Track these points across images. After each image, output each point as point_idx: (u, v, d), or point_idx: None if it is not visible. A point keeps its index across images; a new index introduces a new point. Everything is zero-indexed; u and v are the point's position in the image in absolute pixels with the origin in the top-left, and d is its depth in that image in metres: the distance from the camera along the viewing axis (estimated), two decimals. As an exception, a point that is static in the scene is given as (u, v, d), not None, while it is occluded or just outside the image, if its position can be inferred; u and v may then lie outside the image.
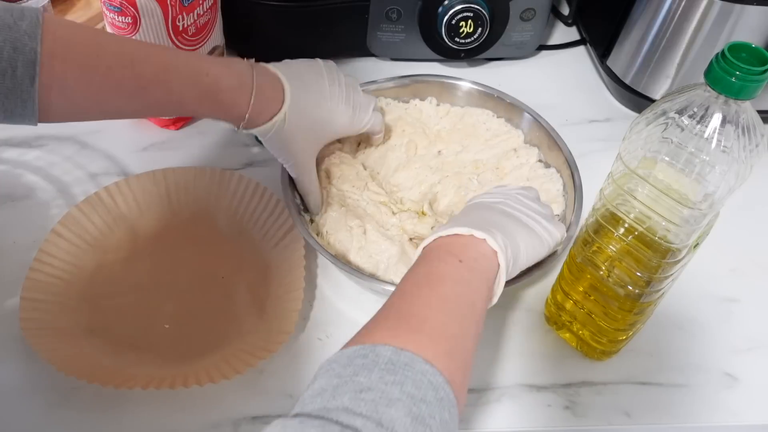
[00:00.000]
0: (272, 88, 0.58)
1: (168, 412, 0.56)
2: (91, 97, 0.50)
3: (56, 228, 0.63)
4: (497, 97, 0.74)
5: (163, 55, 0.53)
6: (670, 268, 0.52)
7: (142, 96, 0.51)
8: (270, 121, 0.57)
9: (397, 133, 0.74)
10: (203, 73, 0.54)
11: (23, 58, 0.45)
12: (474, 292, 0.46)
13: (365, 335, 0.41)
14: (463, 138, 0.74)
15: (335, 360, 0.38)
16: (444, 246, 0.48)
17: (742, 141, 0.44)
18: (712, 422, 0.59)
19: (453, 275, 0.45)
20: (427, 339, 0.40)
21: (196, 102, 0.54)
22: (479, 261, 0.47)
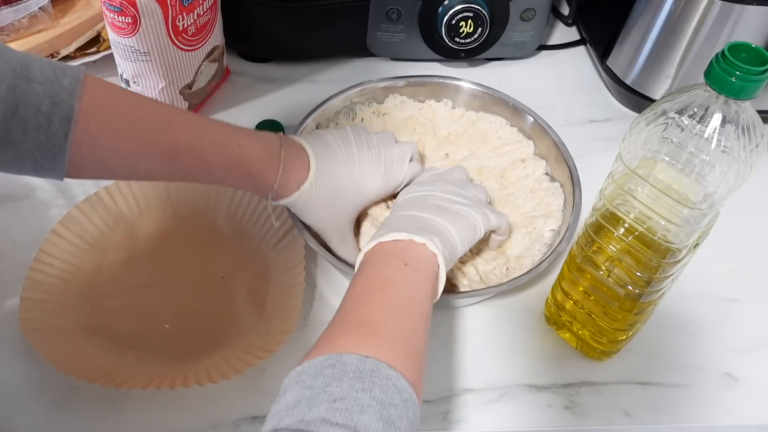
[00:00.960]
0: (298, 158, 0.58)
1: (168, 412, 0.56)
2: (122, 158, 0.50)
3: (56, 228, 0.63)
4: (512, 105, 0.74)
5: (198, 122, 0.54)
6: (670, 268, 0.52)
7: (172, 161, 0.52)
8: (297, 191, 0.57)
9: (408, 131, 0.74)
10: (235, 143, 0.55)
11: (60, 113, 0.45)
12: (420, 291, 0.48)
13: (328, 344, 0.43)
14: (472, 143, 0.74)
15: (303, 371, 0.40)
16: (387, 250, 0.50)
17: (742, 141, 0.44)
18: (711, 422, 0.59)
19: (400, 278, 0.48)
20: (386, 343, 0.42)
21: (225, 171, 0.55)
22: (422, 262, 0.50)
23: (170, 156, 0.52)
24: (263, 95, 0.83)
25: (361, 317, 0.45)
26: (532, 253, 0.65)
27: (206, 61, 0.76)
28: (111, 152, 0.49)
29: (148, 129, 0.51)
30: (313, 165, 0.58)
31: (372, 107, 0.74)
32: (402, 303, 0.46)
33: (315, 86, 0.84)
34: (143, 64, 0.70)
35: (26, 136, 0.45)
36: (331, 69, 0.86)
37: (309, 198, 0.58)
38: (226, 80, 0.83)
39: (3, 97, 0.43)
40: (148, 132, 0.51)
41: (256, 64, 0.86)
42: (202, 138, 0.53)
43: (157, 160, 0.52)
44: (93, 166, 0.50)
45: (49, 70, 0.46)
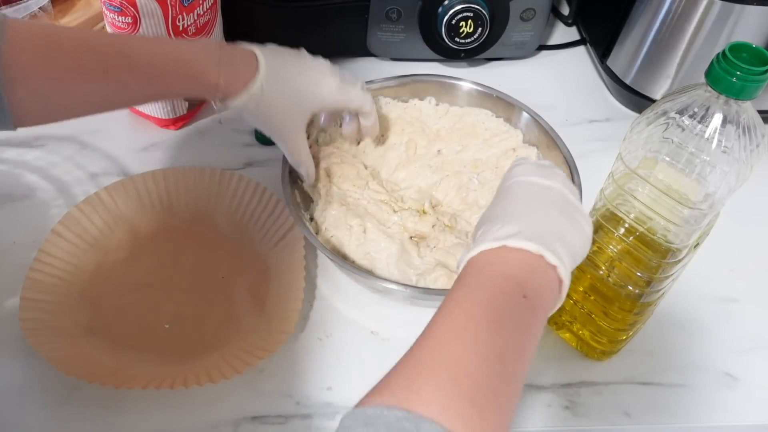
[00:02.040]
0: (244, 57, 0.56)
1: (168, 412, 0.56)
2: (56, 83, 0.49)
3: (56, 228, 0.63)
4: (496, 96, 0.74)
5: (125, 38, 0.53)
6: (671, 268, 0.52)
7: (104, 76, 0.51)
8: (246, 90, 0.55)
9: (397, 132, 0.74)
10: (168, 48, 0.53)
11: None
12: (532, 339, 0.39)
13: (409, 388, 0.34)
14: (462, 137, 0.74)
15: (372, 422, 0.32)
16: (506, 265, 0.40)
17: (743, 141, 0.44)
18: (712, 422, 0.59)
19: (515, 317, 0.38)
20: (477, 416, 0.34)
21: (161, 75, 0.53)
22: (544, 296, 0.40)
23: (102, 71, 0.50)
24: (263, 95, 0.82)
25: (455, 363, 0.35)
26: None
27: (206, 61, 0.76)
28: (44, 81, 0.48)
29: (74, 49, 0.50)
30: (263, 63, 0.56)
31: None
32: (510, 355, 0.37)
33: (315, 86, 0.83)
34: (143, 64, 0.70)
35: None
36: (331, 69, 0.86)
37: (259, 99, 0.56)
38: (226, 80, 0.83)
39: None
40: (74, 52, 0.49)
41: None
42: (130, 47, 0.52)
43: (90, 78, 0.50)
44: (33, 102, 0.49)
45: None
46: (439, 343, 0.37)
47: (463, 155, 0.73)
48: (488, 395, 0.35)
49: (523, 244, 0.40)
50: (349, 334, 0.62)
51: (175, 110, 0.75)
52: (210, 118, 0.79)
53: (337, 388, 0.58)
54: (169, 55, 0.53)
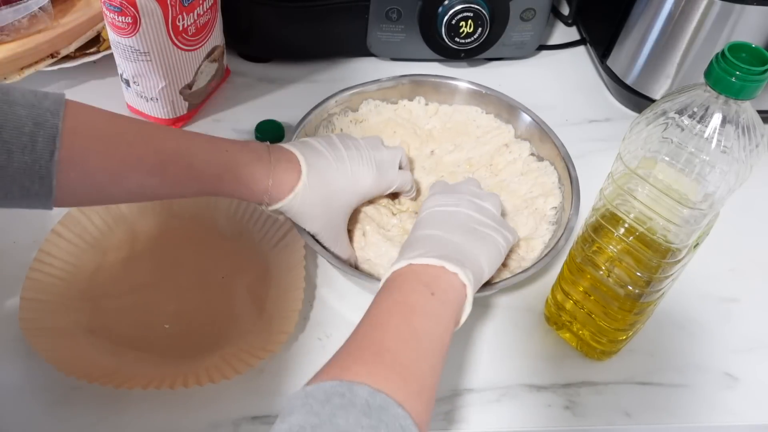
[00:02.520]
0: (288, 161, 0.57)
1: (168, 412, 0.56)
2: (111, 174, 0.50)
3: (56, 228, 0.63)
4: (485, 93, 0.74)
5: (182, 133, 0.54)
6: (670, 268, 0.52)
7: (162, 172, 0.51)
8: (291, 193, 0.57)
9: (388, 134, 0.73)
10: (222, 149, 0.55)
11: (44, 133, 0.45)
12: (443, 326, 0.47)
13: (341, 368, 0.41)
14: (454, 136, 0.74)
15: (311, 394, 0.38)
16: (416, 275, 0.49)
17: (742, 141, 0.44)
18: (712, 422, 0.59)
19: (425, 308, 0.46)
20: (399, 378, 0.41)
21: (215, 179, 0.54)
22: (448, 293, 0.48)
23: (159, 167, 0.51)
24: (263, 95, 0.83)
25: (378, 344, 0.43)
26: (541, 233, 0.65)
27: (206, 61, 0.76)
28: (99, 169, 0.49)
29: (133, 142, 0.50)
30: (304, 167, 0.57)
31: (348, 116, 0.74)
32: (423, 336, 0.45)
33: (315, 86, 0.84)
34: (143, 64, 0.70)
35: (11, 158, 0.44)
36: (331, 69, 0.86)
37: (304, 200, 0.57)
38: (226, 80, 0.83)
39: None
40: (134, 145, 0.50)
41: (256, 64, 0.86)
42: (189, 147, 0.53)
43: (147, 173, 0.51)
44: (82, 187, 0.49)
45: (30, 94, 0.46)
46: (363, 333, 0.45)
47: (456, 155, 0.73)
48: (407, 364, 0.42)
49: (426, 261, 0.49)
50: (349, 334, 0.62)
51: (175, 110, 0.75)
52: (210, 117, 0.79)
53: (337, 388, 0.58)
54: (223, 158, 0.54)
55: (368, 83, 0.74)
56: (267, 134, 0.76)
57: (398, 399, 0.39)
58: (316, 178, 0.58)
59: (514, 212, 0.67)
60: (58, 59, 0.77)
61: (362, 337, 0.44)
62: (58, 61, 0.78)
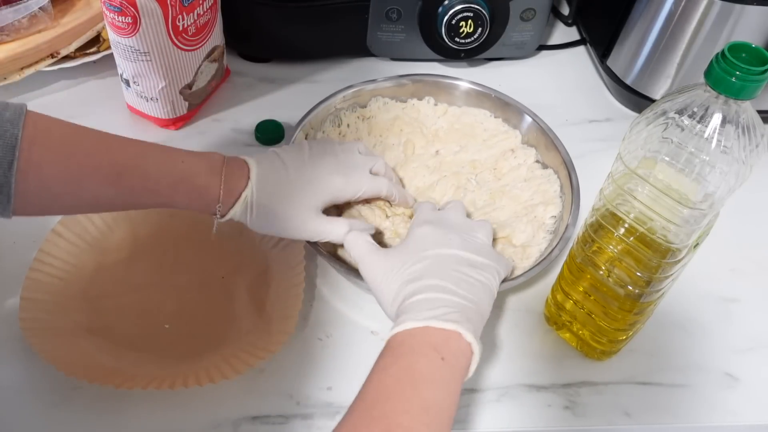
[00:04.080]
0: (239, 169, 0.57)
1: (168, 412, 0.56)
2: (68, 183, 0.50)
3: (56, 228, 0.63)
4: (495, 97, 0.74)
5: (139, 143, 0.54)
6: (670, 268, 0.52)
7: (118, 182, 0.52)
8: (240, 199, 0.56)
9: (395, 132, 0.74)
10: (178, 160, 0.55)
11: (3, 143, 0.46)
12: (453, 394, 0.46)
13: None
14: (460, 138, 0.74)
15: None
16: (426, 338, 0.47)
17: (742, 141, 0.44)
18: (712, 422, 0.59)
19: (435, 377, 0.45)
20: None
21: (171, 188, 0.54)
22: (458, 359, 0.47)
23: (115, 176, 0.51)
24: (263, 95, 0.83)
25: (387, 418, 0.42)
26: (538, 241, 0.65)
27: (206, 61, 0.76)
28: (55, 178, 0.49)
29: (90, 151, 0.51)
30: (254, 173, 0.57)
31: (356, 112, 0.74)
32: (433, 407, 0.43)
33: (315, 86, 0.84)
34: (143, 64, 0.70)
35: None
36: (331, 69, 0.86)
37: (254, 205, 0.57)
38: (226, 80, 0.83)
39: None
40: (90, 154, 0.51)
41: (256, 64, 0.86)
42: (145, 156, 0.53)
43: (102, 182, 0.51)
44: (39, 196, 0.49)
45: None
46: (372, 405, 0.43)
47: (461, 156, 0.73)
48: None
49: (443, 325, 0.47)
50: (349, 334, 0.62)
51: (175, 110, 0.75)
52: (210, 117, 0.79)
53: (337, 388, 0.58)
54: (179, 168, 0.54)
55: (377, 80, 0.74)
56: (267, 134, 0.76)
57: None
58: (267, 183, 0.57)
59: (513, 218, 0.67)
60: (58, 59, 0.77)
61: (371, 407, 0.43)
62: (58, 61, 0.78)
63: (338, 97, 0.72)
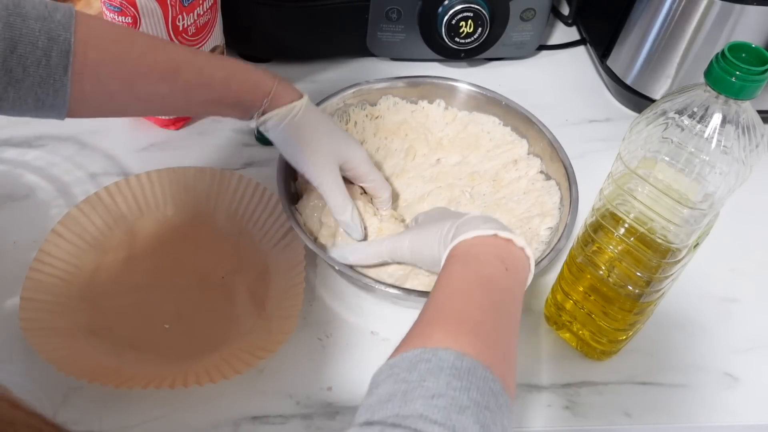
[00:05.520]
0: (291, 86, 0.60)
1: (168, 412, 0.56)
2: (123, 83, 0.51)
3: (56, 228, 0.63)
4: (505, 104, 0.73)
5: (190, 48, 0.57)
6: (670, 268, 0.52)
7: (173, 78, 0.53)
8: (289, 104, 0.59)
9: (400, 136, 0.73)
10: (230, 60, 0.58)
11: (58, 48, 0.46)
12: (517, 300, 0.46)
13: (423, 336, 0.40)
14: (464, 148, 0.73)
15: (396, 364, 0.38)
16: (490, 248, 0.47)
17: (742, 141, 0.44)
18: (712, 422, 0.59)
19: (501, 283, 0.46)
20: (483, 344, 0.40)
21: (224, 82, 0.56)
22: (519, 271, 0.48)
23: (171, 74, 0.53)
24: (263, 95, 0.83)
25: (459, 312, 0.42)
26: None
27: (206, 61, 0.76)
28: (111, 78, 0.50)
29: (144, 51, 0.52)
30: (306, 96, 0.60)
31: (365, 110, 0.74)
32: (502, 308, 0.44)
33: (315, 86, 0.84)
34: (143, 64, 0.70)
35: (27, 73, 0.46)
36: (331, 69, 0.86)
37: (297, 120, 0.59)
38: (226, 80, 0.83)
39: (1, 35, 0.44)
40: (145, 53, 0.52)
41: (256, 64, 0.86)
42: (197, 54, 0.56)
43: (158, 79, 0.52)
44: (95, 97, 0.50)
45: (41, 6, 0.47)
46: (443, 302, 0.43)
47: (461, 167, 0.72)
48: (489, 332, 0.41)
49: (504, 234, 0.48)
50: (349, 334, 0.62)
51: (175, 110, 0.76)
52: (210, 118, 0.79)
53: (337, 388, 0.58)
54: (233, 65, 0.57)
55: (388, 79, 0.74)
56: (267, 134, 0.76)
57: (485, 363, 0.38)
58: (314, 112, 0.60)
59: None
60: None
61: (440, 306, 0.43)
62: (58, 61, 0.78)
63: (347, 93, 0.72)
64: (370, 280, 0.59)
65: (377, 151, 0.72)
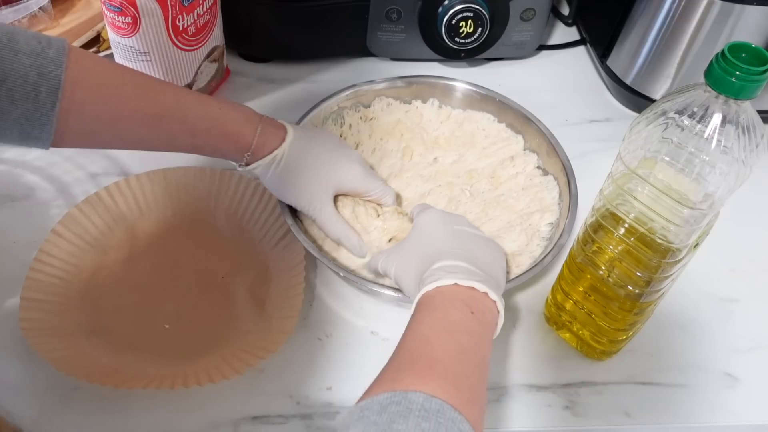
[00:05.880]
0: (275, 128, 0.60)
1: (168, 412, 0.56)
2: (107, 124, 0.52)
3: (56, 228, 0.63)
4: (498, 101, 0.74)
5: (177, 88, 0.56)
6: (670, 268, 0.52)
7: (156, 124, 0.54)
8: (270, 155, 0.59)
9: (395, 137, 0.73)
10: (215, 107, 0.57)
11: (47, 84, 0.47)
12: (484, 345, 0.47)
13: (392, 381, 0.41)
14: (460, 146, 0.73)
15: (367, 407, 0.38)
16: (455, 294, 0.49)
17: (742, 141, 0.44)
18: (712, 422, 0.59)
19: (468, 327, 0.47)
20: (452, 387, 0.41)
21: (206, 132, 0.56)
22: (486, 315, 0.49)
23: (154, 119, 0.53)
24: (263, 95, 0.83)
25: (427, 357, 0.43)
26: (531, 249, 0.64)
27: (206, 61, 0.76)
28: (96, 118, 0.51)
29: (131, 94, 0.52)
30: (290, 136, 0.60)
31: (359, 112, 0.74)
32: (469, 351, 0.45)
33: (315, 86, 0.84)
34: (143, 64, 0.70)
35: (14, 106, 0.46)
36: (331, 69, 0.86)
37: (280, 165, 0.59)
38: (226, 80, 0.83)
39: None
40: (131, 96, 0.52)
41: (256, 64, 0.86)
42: (183, 101, 0.55)
43: (141, 124, 0.53)
44: (79, 133, 0.51)
45: (34, 41, 0.47)
46: (410, 349, 0.44)
47: (458, 165, 0.72)
48: (458, 375, 0.42)
49: (468, 283, 0.49)
50: (349, 334, 0.62)
51: (175, 110, 0.75)
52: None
53: (337, 388, 0.58)
54: (215, 114, 0.57)
55: (381, 81, 0.74)
56: (267, 134, 0.76)
57: (454, 405, 0.39)
58: (297, 148, 0.60)
59: (506, 228, 0.66)
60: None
61: (409, 352, 0.44)
62: (58, 61, 0.78)
63: (342, 96, 0.72)
64: (375, 285, 0.59)
65: (373, 152, 0.72)
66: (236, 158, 0.59)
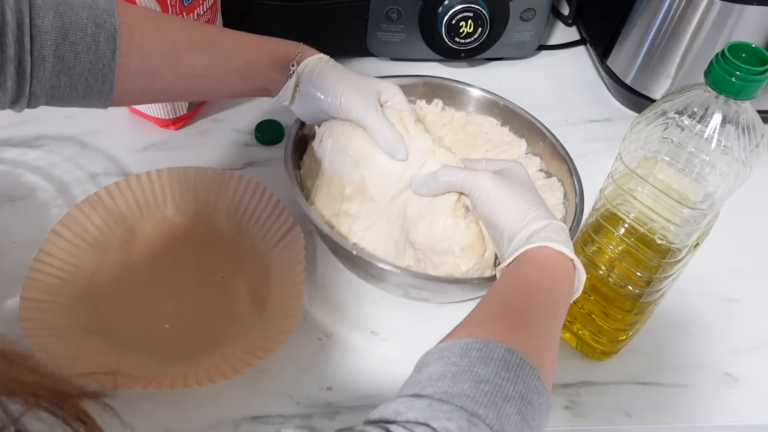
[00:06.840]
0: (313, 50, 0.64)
1: (168, 412, 0.56)
2: (167, 56, 0.55)
3: (56, 228, 0.63)
4: (503, 105, 0.73)
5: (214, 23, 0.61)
6: (670, 268, 0.52)
7: (211, 47, 0.57)
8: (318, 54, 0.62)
9: None
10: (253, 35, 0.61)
11: (104, 33, 0.49)
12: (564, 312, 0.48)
13: (477, 326, 0.42)
14: (463, 149, 0.73)
15: (447, 348, 0.40)
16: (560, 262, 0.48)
17: (742, 141, 0.44)
18: (712, 422, 0.59)
19: (562, 300, 0.48)
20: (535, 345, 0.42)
21: (258, 43, 0.60)
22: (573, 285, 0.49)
23: (209, 43, 0.57)
24: (263, 95, 0.83)
25: (518, 311, 0.44)
26: None
27: (206, 61, 0.76)
28: (158, 55, 0.54)
29: (182, 26, 0.57)
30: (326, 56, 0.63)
31: None
32: (557, 322, 0.46)
33: (315, 86, 0.83)
34: (143, 64, 0.70)
35: (78, 59, 0.48)
36: (331, 69, 0.86)
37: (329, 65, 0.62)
38: (226, 80, 0.83)
39: (53, 24, 0.47)
40: (183, 28, 0.57)
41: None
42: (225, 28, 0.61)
43: (199, 50, 0.56)
44: (139, 78, 0.53)
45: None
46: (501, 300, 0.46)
47: None
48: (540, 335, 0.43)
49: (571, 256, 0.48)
50: (349, 334, 0.62)
51: (175, 110, 0.75)
52: (210, 118, 0.79)
53: (337, 388, 0.58)
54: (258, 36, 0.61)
55: (389, 77, 0.73)
56: (267, 134, 0.76)
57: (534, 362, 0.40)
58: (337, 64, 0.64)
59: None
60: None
61: (501, 303, 0.45)
62: (58, 61, 0.78)
63: None
64: (386, 264, 0.57)
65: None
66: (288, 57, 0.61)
